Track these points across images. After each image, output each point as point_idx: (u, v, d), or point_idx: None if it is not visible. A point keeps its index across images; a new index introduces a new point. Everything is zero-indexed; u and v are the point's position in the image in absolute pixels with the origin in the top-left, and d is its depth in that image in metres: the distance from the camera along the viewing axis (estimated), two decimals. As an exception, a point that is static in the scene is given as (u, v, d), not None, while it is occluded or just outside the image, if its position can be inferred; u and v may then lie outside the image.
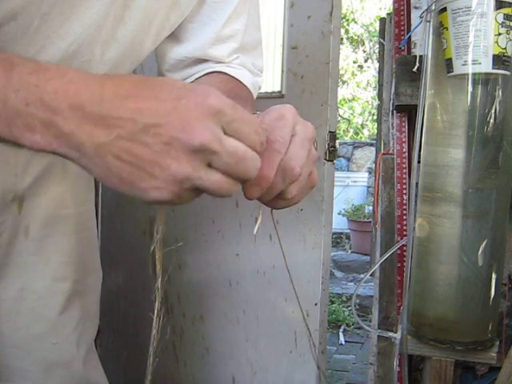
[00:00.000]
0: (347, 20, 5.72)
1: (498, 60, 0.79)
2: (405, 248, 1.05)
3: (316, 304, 1.28)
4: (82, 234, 0.77)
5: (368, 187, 4.55)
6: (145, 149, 0.36)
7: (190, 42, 0.70)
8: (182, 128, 0.36)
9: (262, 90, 1.27)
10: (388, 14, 1.33)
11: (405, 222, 1.14)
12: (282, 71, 1.34)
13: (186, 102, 0.36)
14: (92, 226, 0.82)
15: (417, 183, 0.92)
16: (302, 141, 0.45)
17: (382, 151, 1.27)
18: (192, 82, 0.72)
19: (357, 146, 4.84)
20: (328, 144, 1.22)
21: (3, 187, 0.65)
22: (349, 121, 6.00)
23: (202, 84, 0.69)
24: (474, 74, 0.81)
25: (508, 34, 0.80)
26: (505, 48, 0.79)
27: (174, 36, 0.70)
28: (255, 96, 0.76)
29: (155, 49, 0.69)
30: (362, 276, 3.46)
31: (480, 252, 0.83)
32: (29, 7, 0.50)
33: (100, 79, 0.37)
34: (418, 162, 0.92)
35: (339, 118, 5.63)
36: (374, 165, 4.20)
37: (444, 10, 0.82)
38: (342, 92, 6.00)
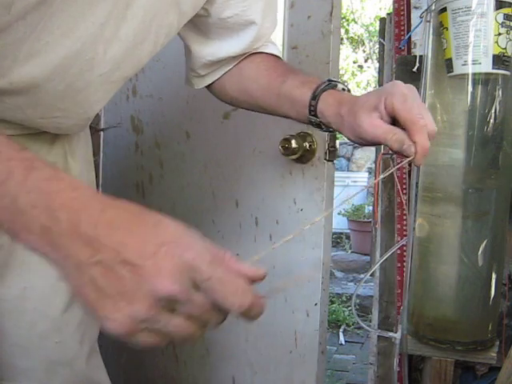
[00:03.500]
0: (347, 20, 5.73)
1: (498, 60, 0.79)
2: (405, 248, 1.05)
3: (316, 304, 1.28)
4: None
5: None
6: (118, 281, 0.37)
7: (224, 42, 0.75)
8: (154, 275, 0.37)
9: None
10: (388, 14, 1.33)
11: (405, 222, 1.14)
12: (282, 71, 1.33)
13: (166, 249, 0.38)
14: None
15: (417, 183, 0.92)
16: (423, 105, 0.61)
17: (382, 151, 1.27)
18: (231, 69, 0.78)
19: (357, 146, 4.83)
20: (328, 144, 1.21)
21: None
22: (349, 121, 5.98)
23: (246, 71, 0.77)
24: (474, 74, 0.81)
25: (508, 34, 0.80)
26: (505, 48, 0.80)
27: (205, 36, 0.75)
28: None
29: (186, 45, 0.76)
30: (362, 276, 3.46)
31: (480, 252, 0.83)
32: (40, 6, 0.51)
33: (104, 203, 0.40)
34: (418, 162, 0.92)
35: (339, 118, 5.60)
36: (374, 165, 4.20)
37: (444, 10, 0.83)
38: (342, 92, 5.99)
